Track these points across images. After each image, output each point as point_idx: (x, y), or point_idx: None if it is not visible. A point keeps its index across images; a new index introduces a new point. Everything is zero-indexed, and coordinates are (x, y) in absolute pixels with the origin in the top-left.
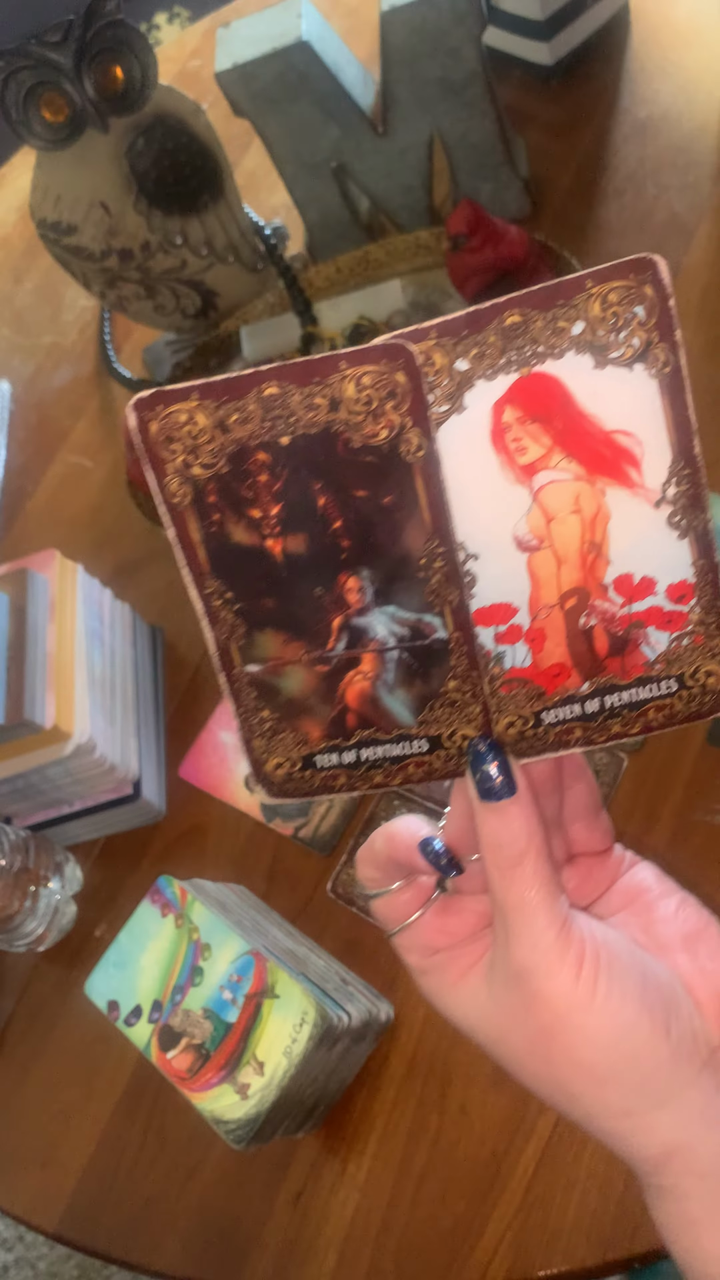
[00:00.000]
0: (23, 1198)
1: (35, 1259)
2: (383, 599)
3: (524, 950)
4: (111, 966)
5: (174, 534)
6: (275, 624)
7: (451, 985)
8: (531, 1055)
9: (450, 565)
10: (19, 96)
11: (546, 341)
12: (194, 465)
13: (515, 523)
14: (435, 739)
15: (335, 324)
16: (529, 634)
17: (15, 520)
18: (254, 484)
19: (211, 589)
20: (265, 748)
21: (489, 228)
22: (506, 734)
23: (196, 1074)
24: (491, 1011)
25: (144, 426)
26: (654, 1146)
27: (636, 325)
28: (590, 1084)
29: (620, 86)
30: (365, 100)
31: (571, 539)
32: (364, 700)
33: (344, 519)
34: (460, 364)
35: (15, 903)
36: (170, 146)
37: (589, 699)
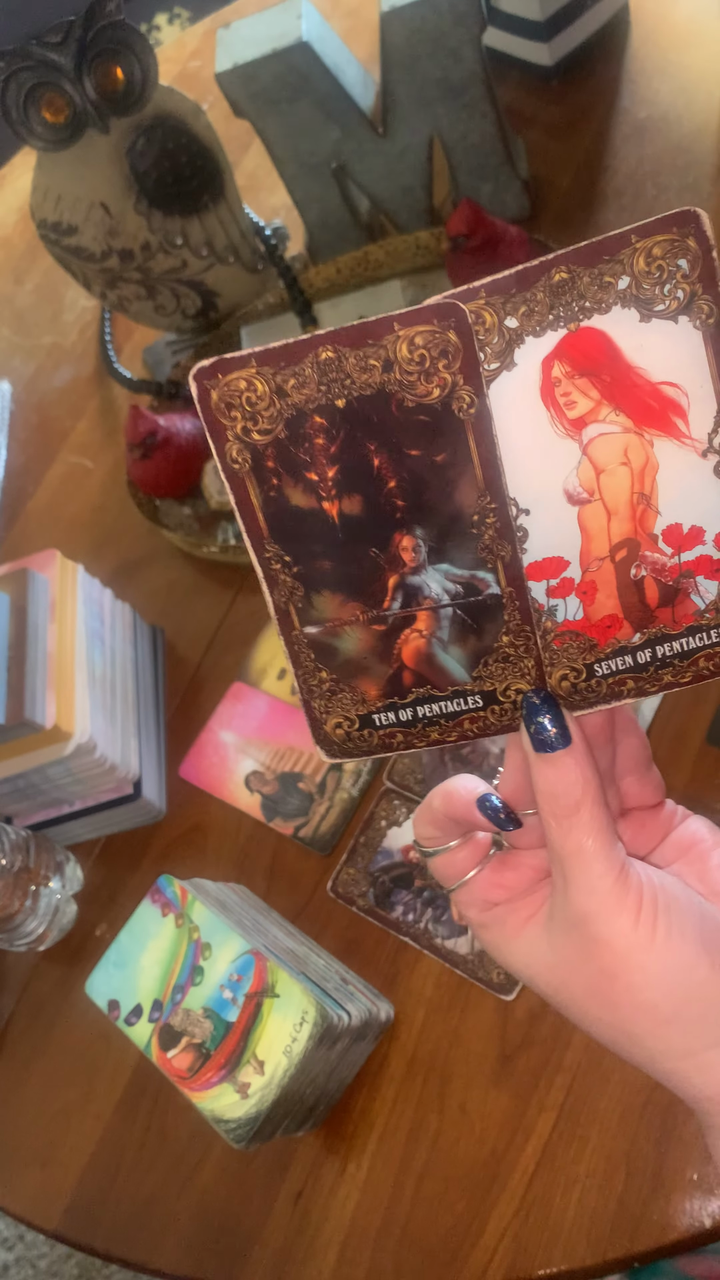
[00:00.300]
0: (23, 1197)
1: (36, 1258)
2: (436, 557)
3: (583, 896)
4: (112, 966)
5: (234, 499)
6: (332, 585)
7: (511, 937)
8: (593, 999)
9: (502, 521)
10: (19, 97)
11: (593, 297)
12: (253, 431)
13: (566, 476)
14: (490, 694)
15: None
16: (580, 587)
17: (16, 520)
18: (311, 447)
19: (270, 553)
20: (324, 708)
21: (489, 228)
22: (560, 686)
23: (197, 1073)
24: (552, 959)
25: (204, 394)
26: (715, 1085)
27: (680, 278)
28: (652, 1024)
29: (620, 87)
30: (365, 101)
31: (621, 491)
32: (420, 658)
33: (398, 479)
34: (509, 321)
35: (16, 902)
36: (171, 147)
37: (640, 649)
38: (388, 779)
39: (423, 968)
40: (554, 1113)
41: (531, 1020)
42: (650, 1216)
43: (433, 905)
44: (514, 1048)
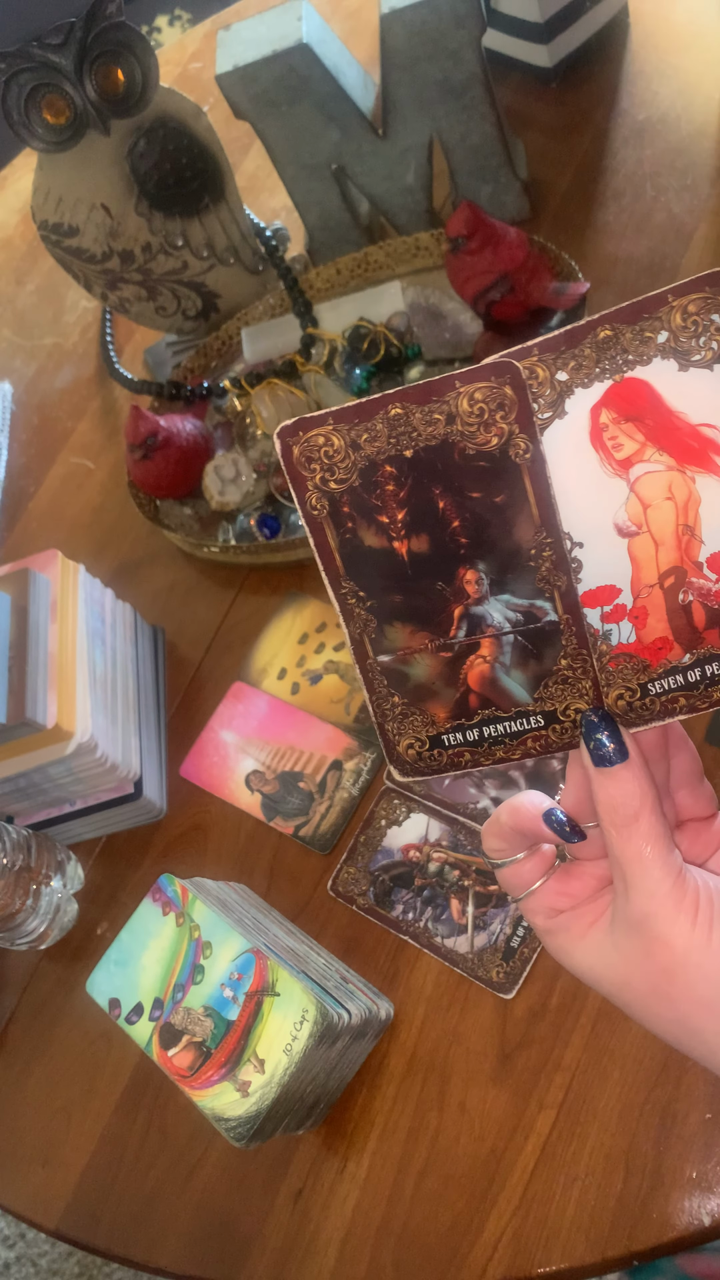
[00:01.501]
0: (24, 1195)
1: (37, 1256)
2: (498, 588)
3: (643, 899)
4: (113, 964)
5: (314, 542)
6: (403, 617)
7: (576, 941)
8: (654, 996)
9: (558, 554)
10: (20, 99)
11: (635, 350)
12: (330, 481)
13: (615, 511)
14: (551, 714)
15: (335, 325)
16: (632, 612)
17: (17, 521)
18: (382, 493)
19: (346, 589)
20: (397, 730)
21: (488, 230)
22: (616, 705)
23: (197, 1072)
24: (615, 960)
25: (287, 450)
26: None
27: (714, 330)
28: (711, 1019)
29: (619, 89)
30: (365, 103)
31: (667, 523)
32: (484, 682)
33: (461, 519)
34: (560, 375)
35: (17, 901)
36: (171, 149)
37: (691, 669)
38: (388, 779)
39: (422, 966)
40: (553, 1111)
41: (531, 1019)
42: (650, 1214)
43: (432, 904)
44: (514, 1046)
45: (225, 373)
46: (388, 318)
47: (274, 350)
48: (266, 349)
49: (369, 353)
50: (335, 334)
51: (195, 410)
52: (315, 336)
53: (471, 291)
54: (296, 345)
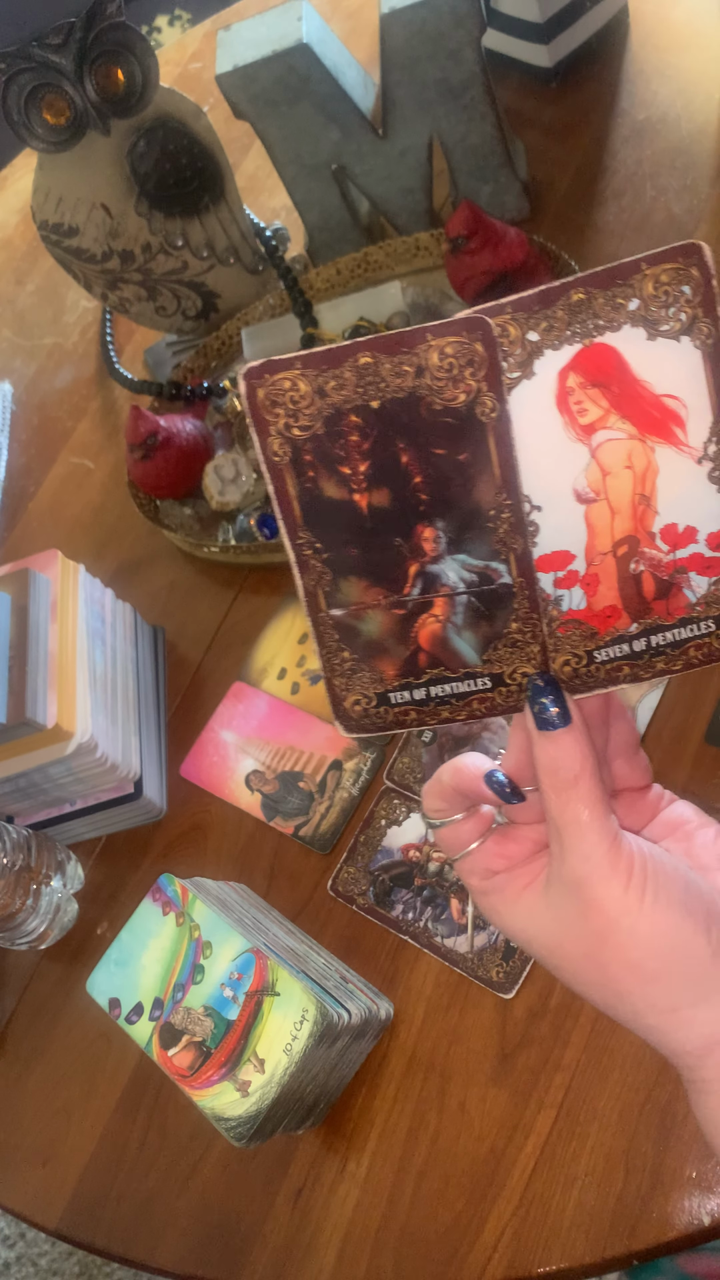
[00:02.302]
0: (24, 1195)
1: (37, 1256)
2: (455, 548)
3: (578, 862)
4: (113, 964)
5: (273, 489)
6: (358, 571)
7: (511, 901)
8: (585, 958)
9: (516, 516)
10: (20, 99)
11: (606, 316)
12: (294, 427)
13: (575, 477)
14: (498, 676)
15: (335, 325)
16: (585, 579)
17: (17, 520)
18: (346, 444)
19: (303, 539)
20: (345, 685)
21: (488, 230)
22: (562, 671)
23: (197, 1071)
24: (548, 921)
25: (252, 392)
26: (696, 1040)
27: (684, 302)
28: (638, 982)
29: (619, 89)
30: (365, 103)
31: (624, 492)
32: (435, 641)
33: (424, 475)
34: (531, 335)
35: (17, 901)
36: (171, 149)
37: (637, 638)
38: (387, 778)
39: (422, 966)
40: (553, 1111)
41: (531, 1019)
42: (649, 1214)
43: (432, 904)
44: (513, 1046)
45: (225, 373)
46: (388, 318)
47: (274, 350)
48: (266, 349)
49: None
50: (335, 334)
51: (195, 410)
52: (315, 336)
53: (471, 291)
54: (296, 345)
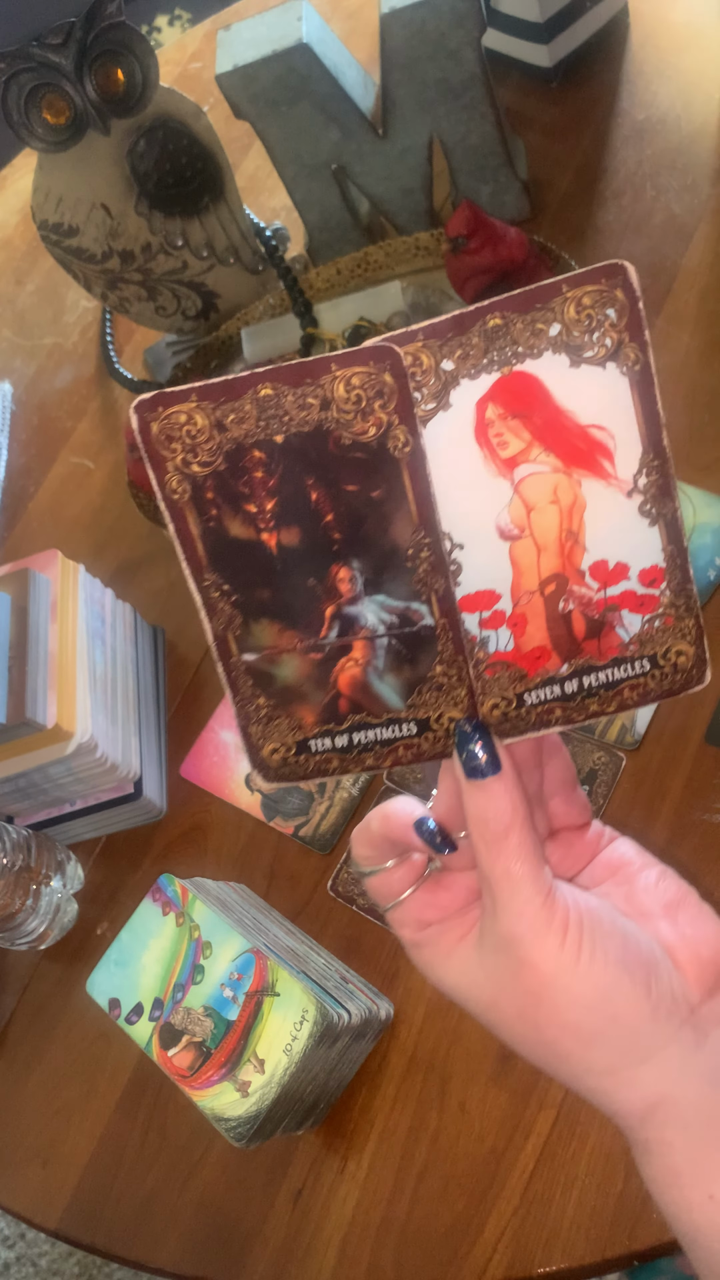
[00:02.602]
0: (24, 1195)
1: (37, 1256)
2: (372, 588)
3: (511, 919)
4: (113, 964)
5: (174, 529)
6: (270, 614)
7: (444, 956)
8: (521, 1019)
9: (436, 555)
10: (20, 98)
11: (526, 342)
12: (193, 463)
13: (498, 513)
14: (424, 722)
15: (335, 325)
16: (511, 619)
17: (17, 521)
18: (250, 480)
19: (209, 581)
20: (261, 733)
21: (488, 230)
22: (491, 715)
23: (197, 1072)
24: (482, 979)
25: (145, 427)
26: (637, 1101)
27: (608, 326)
28: (577, 1044)
29: (619, 89)
30: (365, 103)
31: (550, 528)
32: (356, 686)
33: (335, 512)
34: (446, 364)
35: (17, 901)
36: (171, 148)
37: (568, 680)
38: (387, 778)
39: None
40: (553, 1111)
41: None
42: (649, 1215)
43: None
44: None
45: (225, 372)
46: (388, 317)
47: (274, 350)
48: (266, 349)
49: None
50: (335, 334)
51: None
52: (315, 336)
53: (472, 291)
54: (296, 345)
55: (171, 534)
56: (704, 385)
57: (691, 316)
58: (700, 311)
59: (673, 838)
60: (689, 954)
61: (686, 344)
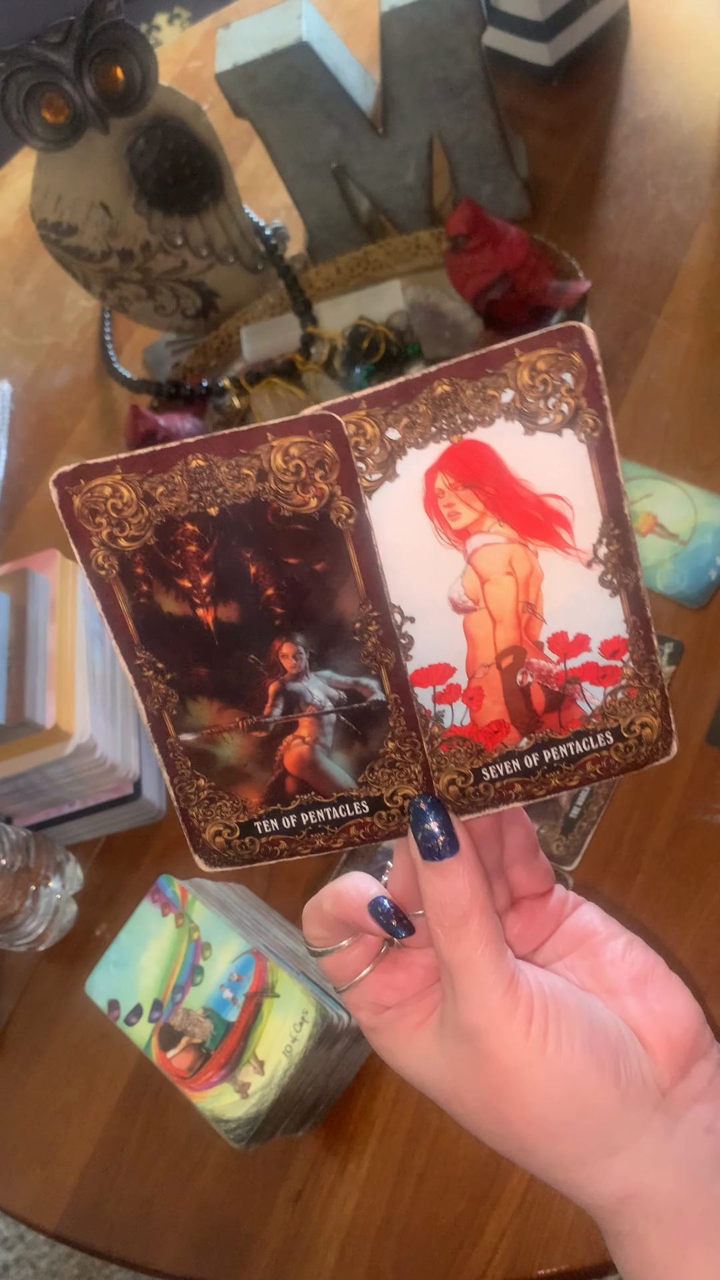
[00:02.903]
0: (23, 1197)
1: (36, 1258)
2: (318, 664)
3: (472, 1009)
4: (112, 965)
5: (101, 606)
6: (209, 692)
7: (403, 1042)
8: (484, 1113)
9: (385, 629)
10: (19, 97)
11: (476, 410)
12: (120, 537)
13: (450, 585)
14: (377, 800)
15: (335, 324)
16: (467, 693)
17: (16, 520)
18: (183, 554)
19: (141, 659)
20: (203, 816)
21: (489, 228)
22: (448, 792)
23: (197, 1073)
24: (443, 1069)
25: (66, 500)
26: (609, 1194)
27: (565, 392)
28: (543, 1138)
29: (620, 87)
30: (365, 101)
31: (506, 599)
32: (303, 764)
33: (276, 586)
34: (391, 433)
35: (16, 902)
36: (171, 147)
37: (528, 754)
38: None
39: None
40: None
41: None
42: None
43: None
44: None
45: (225, 372)
46: (388, 317)
47: (274, 349)
48: (266, 348)
49: (369, 352)
50: (335, 333)
51: (194, 409)
52: (315, 335)
53: (472, 290)
54: (296, 344)
55: (99, 612)
56: (704, 384)
57: (692, 315)
58: (701, 310)
59: (673, 839)
60: (658, 1034)
61: (687, 343)
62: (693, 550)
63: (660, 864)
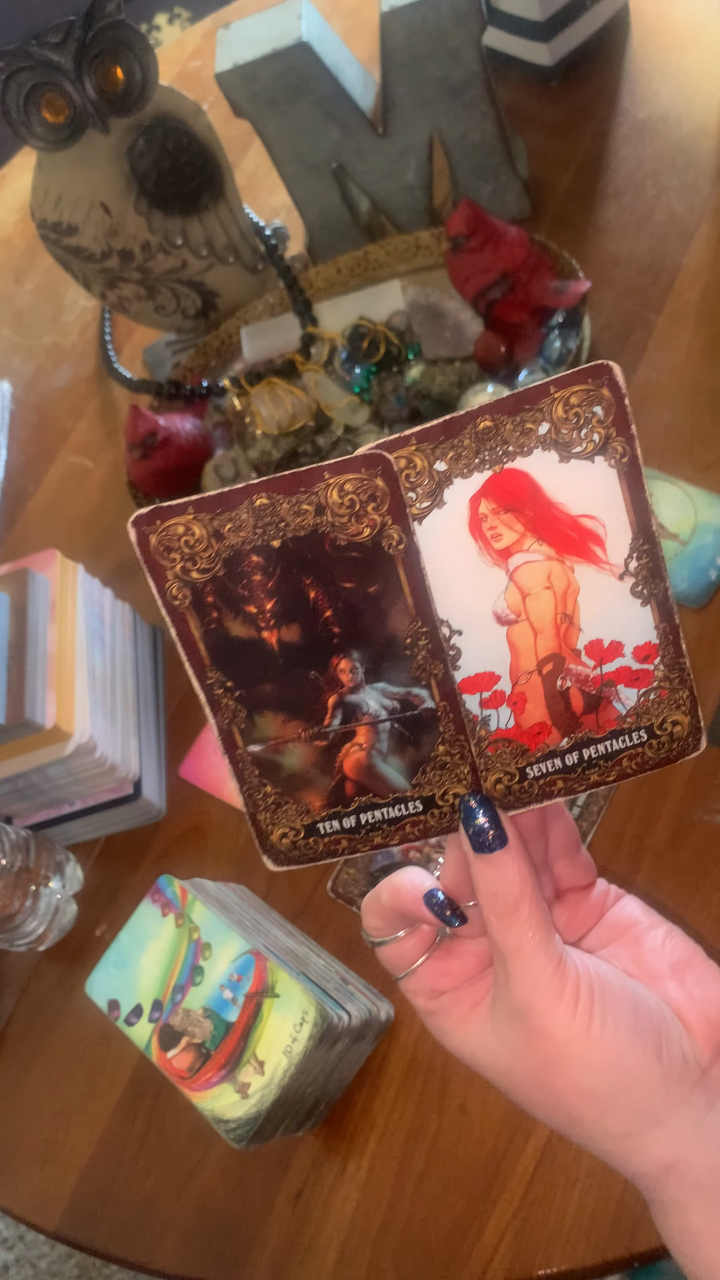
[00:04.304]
0: (23, 1197)
1: (36, 1258)
2: (373, 677)
3: (524, 990)
4: (112, 966)
5: (175, 633)
6: (274, 706)
7: (458, 1025)
8: (536, 1086)
9: (433, 643)
10: (19, 97)
11: (516, 441)
12: (192, 570)
13: (494, 600)
14: (429, 799)
15: (335, 324)
16: (511, 698)
17: (16, 520)
18: (249, 583)
19: (212, 679)
20: (270, 820)
21: (489, 228)
22: (495, 789)
23: (197, 1073)
24: (496, 1048)
25: (144, 539)
26: (652, 1164)
27: (596, 423)
28: (591, 1109)
29: (620, 87)
30: (365, 101)
31: (545, 611)
32: (361, 769)
33: (334, 608)
34: (439, 465)
35: (16, 902)
36: (171, 147)
37: (568, 753)
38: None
39: None
40: None
41: None
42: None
43: None
44: None
45: (225, 372)
46: (388, 317)
47: (274, 349)
48: (266, 348)
49: (369, 352)
50: (335, 333)
51: (195, 409)
52: (315, 335)
53: (472, 290)
54: (296, 344)
55: (174, 637)
56: (705, 384)
57: (692, 315)
58: (701, 310)
59: (673, 839)
60: (697, 1015)
61: (687, 343)
62: (693, 550)
63: (660, 864)
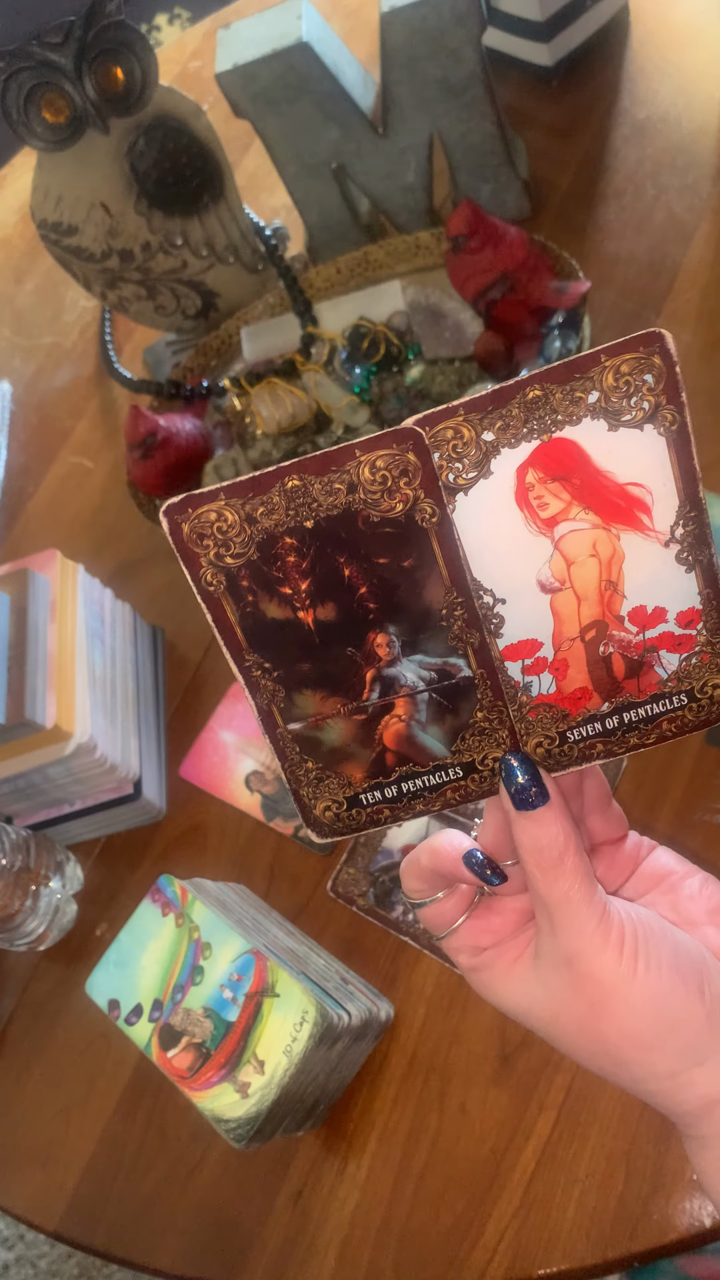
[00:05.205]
0: (23, 1196)
1: (36, 1258)
2: (410, 649)
3: (570, 938)
4: (112, 965)
5: (211, 618)
6: (312, 684)
7: (502, 977)
8: (582, 1032)
9: (469, 612)
10: (20, 97)
11: (565, 411)
12: (226, 556)
13: (539, 569)
14: (469, 765)
15: (335, 324)
16: (553, 664)
17: (16, 520)
18: (283, 565)
19: (250, 661)
20: (313, 794)
21: (489, 228)
22: (535, 752)
23: (197, 1073)
24: (542, 996)
25: (175, 527)
26: (695, 1100)
27: (646, 391)
28: (638, 1051)
29: (620, 87)
30: (365, 101)
31: (590, 579)
32: (401, 740)
33: (369, 585)
34: (486, 435)
35: (16, 902)
36: (171, 147)
37: (609, 716)
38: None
39: (423, 967)
40: (554, 1112)
41: None
42: (650, 1216)
43: None
44: (514, 1047)
45: (225, 372)
46: (388, 317)
47: (274, 349)
48: (266, 348)
49: (369, 352)
50: (335, 333)
51: (195, 409)
52: (315, 336)
53: (472, 290)
54: (296, 344)
55: (210, 622)
56: (705, 384)
57: (692, 315)
58: (701, 310)
59: (673, 838)
60: None
61: (688, 343)
62: None
63: None
